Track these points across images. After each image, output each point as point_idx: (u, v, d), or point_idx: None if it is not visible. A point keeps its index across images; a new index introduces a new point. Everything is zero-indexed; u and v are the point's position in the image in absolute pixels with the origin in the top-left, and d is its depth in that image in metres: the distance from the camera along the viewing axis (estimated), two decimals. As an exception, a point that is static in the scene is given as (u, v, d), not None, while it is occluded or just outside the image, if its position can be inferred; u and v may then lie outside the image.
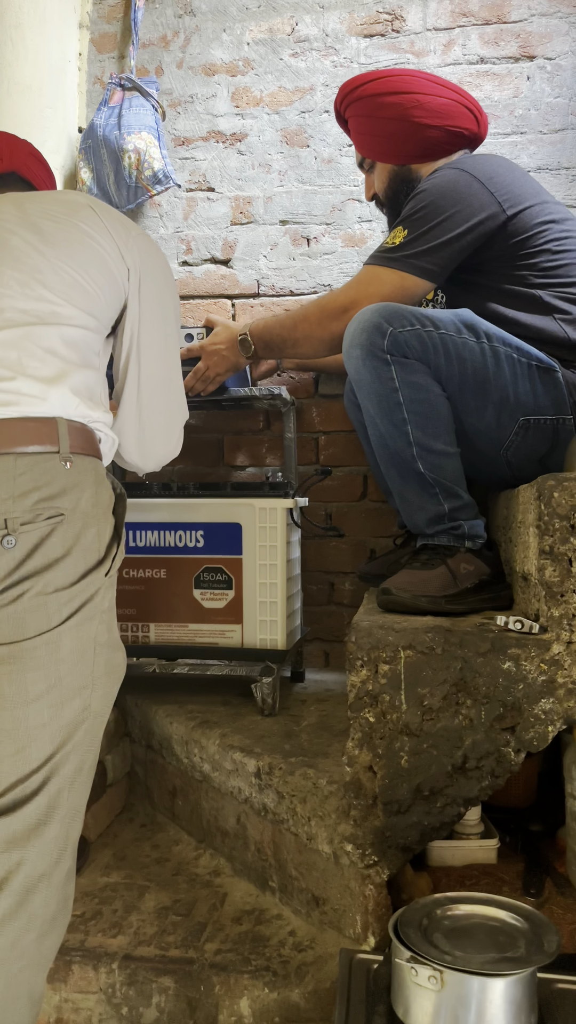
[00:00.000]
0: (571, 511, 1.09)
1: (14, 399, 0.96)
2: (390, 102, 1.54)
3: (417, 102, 1.52)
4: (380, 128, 1.57)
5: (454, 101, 1.54)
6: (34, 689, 0.92)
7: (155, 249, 1.19)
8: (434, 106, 1.53)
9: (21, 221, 1.07)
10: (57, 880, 0.93)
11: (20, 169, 1.24)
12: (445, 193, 1.42)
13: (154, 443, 1.22)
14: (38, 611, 0.93)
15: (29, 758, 0.91)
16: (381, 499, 2.14)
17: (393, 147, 1.59)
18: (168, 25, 2.30)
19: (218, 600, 1.73)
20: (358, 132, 1.63)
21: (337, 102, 1.64)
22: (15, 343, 0.99)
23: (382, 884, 1.13)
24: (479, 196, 1.41)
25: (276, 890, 1.33)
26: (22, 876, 0.89)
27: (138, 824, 1.67)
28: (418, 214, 1.42)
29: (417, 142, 1.56)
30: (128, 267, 1.13)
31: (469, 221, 1.40)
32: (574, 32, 2.09)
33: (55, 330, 1.03)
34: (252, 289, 2.23)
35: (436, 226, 1.40)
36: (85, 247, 1.08)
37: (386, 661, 1.12)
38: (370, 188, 1.69)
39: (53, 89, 2.18)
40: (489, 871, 1.25)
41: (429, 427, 1.32)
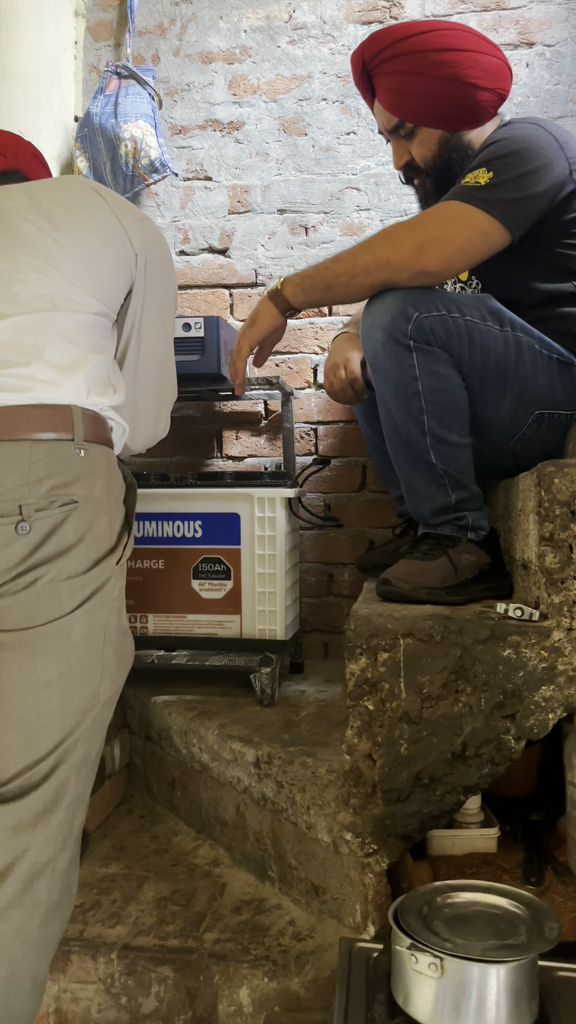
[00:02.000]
0: (572, 497, 1.08)
1: (30, 385, 0.96)
2: (447, 59, 1.36)
3: (475, 61, 1.37)
4: (432, 88, 1.39)
5: (500, 60, 1.41)
6: (45, 676, 0.92)
7: (158, 234, 1.20)
8: (489, 66, 1.39)
9: (31, 208, 1.07)
10: (61, 867, 0.93)
11: (23, 168, 1.25)
12: (530, 146, 1.29)
13: (145, 425, 1.24)
14: (51, 597, 0.93)
15: (38, 745, 0.91)
16: (380, 490, 2.13)
17: (446, 110, 1.41)
18: (165, 13, 2.28)
19: (216, 591, 1.72)
20: (399, 91, 1.42)
21: (367, 56, 1.43)
22: (31, 328, 0.99)
23: (382, 873, 1.12)
24: (558, 157, 1.31)
25: (275, 880, 1.33)
26: (27, 863, 0.89)
27: (137, 815, 1.67)
28: (505, 159, 1.28)
29: (472, 105, 1.40)
30: (136, 252, 1.13)
31: (549, 180, 1.29)
32: (573, 19, 2.07)
33: (70, 316, 1.02)
34: (250, 279, 2.22)
35: (523, 176, 1.27)
36: (95, 233, 1.08)
37: (385, 649, 1.12)
38: (403, 156, 1.50)
39: (49, 77, 2.16)
40: (489, 860, 1.24)
41: (446, 418, 1.29)
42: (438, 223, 1.28)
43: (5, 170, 1.24)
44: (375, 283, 1.30)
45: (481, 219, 1.26)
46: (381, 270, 1.28)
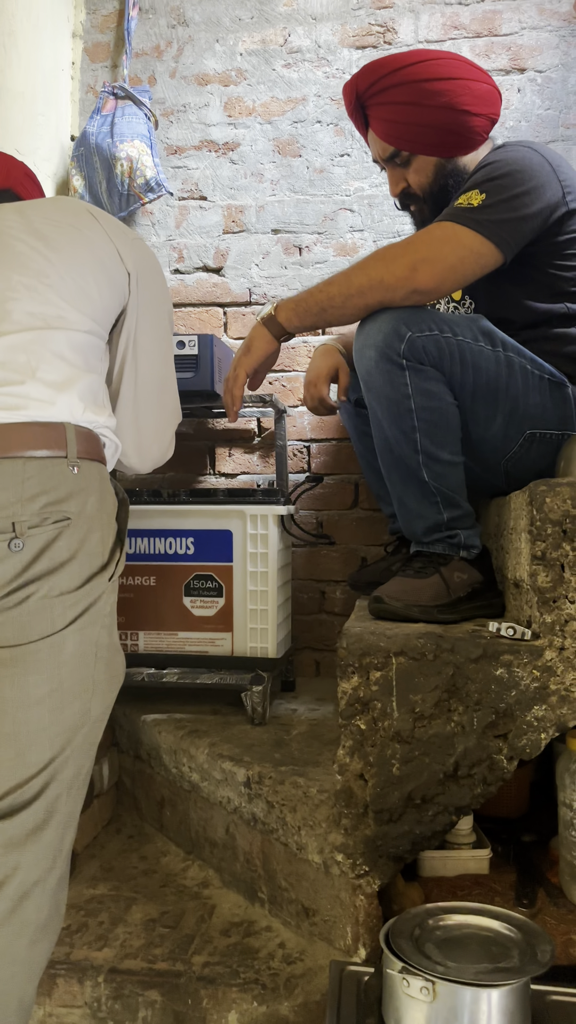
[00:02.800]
0: (563, 517, 1.08)
1: (23, 403, 0.96)
2: (441, 88, 1.38)
3: (467, 88, 1.39)
4: (427, 117, 1.41)
5: (491, 87, 1.44)
6: (36, 692, 0.92)
7: (150, 254, 1.20)
8: (480, 92, 1.41)
9: (25, 227, 1.07)
10: (51, 886, 0.92)
11: (15, 187, 1.26)
12: (522, 168, 1.31)
13: (150, 444, 1.23)
14: (43, 614, 0.92)
15: (29, 762, 0.91)
16: (372, 507, 2.13)
17: (441, 138, 1.43)
18: (161, 35, 2.31)
19: (208, 608, 1.72)
20: (393, 122, 1.44)
21: (360, 87, 1.44)
22: (24, 347, 0.99)
23: (373, 895, 1.11)
24: (551, 180, 1.32)
25: (265, 901, 1.31)
26: (17, 881, 0.88)
27: (125, 835, 1.65)
28: (497, 180, 1.30)
29: (466, 131, 1.42)
30: (128, 271, 1.13)
31: (541, 202, 1.30)
32: (564, 45, 2.11)
33: (63, 335, 1.03)
34: (244, 297, 2.23)
35: (515, 197, 1.29)
36: (88, 252, 1.09)
37: (377, 667, 1.11)
38: (399, 183, 1.51)
39: (46, 97, 2.18)
40: (481, 881, 1.23)
41: (438, 436, 1.30)
42: (430, 244, 1.29)
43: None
44: (370, 303, 1.31)
45: (473, 239, 1.28)
46: (375, 290, 1.29)
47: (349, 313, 1.33)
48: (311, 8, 2.23)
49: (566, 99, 2.11)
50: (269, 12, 2.25)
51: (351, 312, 1.33)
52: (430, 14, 2.17)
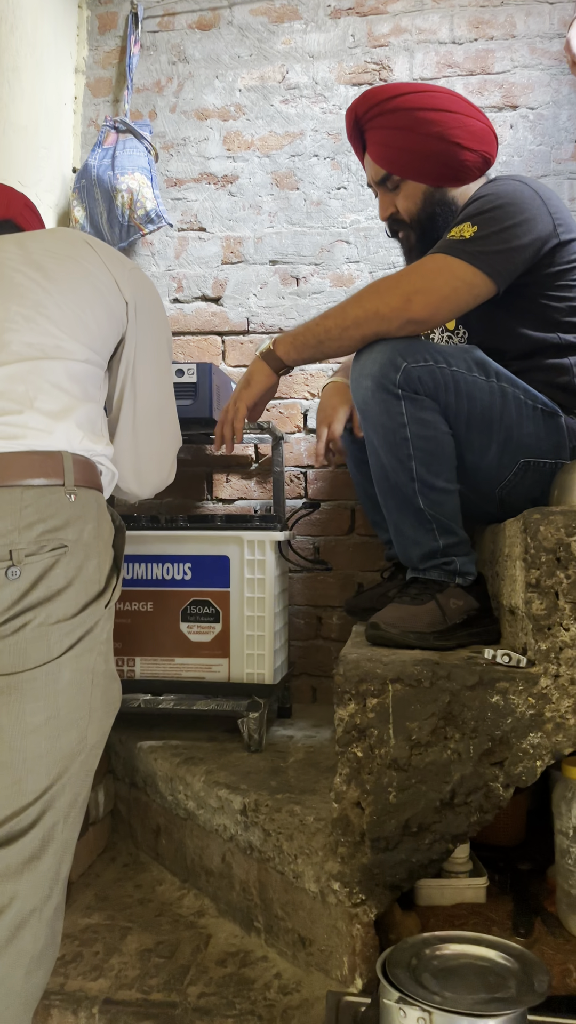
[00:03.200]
0: (557, 544, 1.09)
1: (21, 432, 0.98)
2: (434, 118, 1.43)
3: (460, 122, 1.44)
4: (418, 144, 1.45)
5: (486, 125, 1.48)
6: (33, 720, 0.92)
7: (148, 283, 1.22)
8: (474, 128, 1.46)
9: (24, 259, 1.09)
10: (47, 915, 0.91)
11: (15, 218, 1.28)
12: (514, 201, 1.35)
13: (150, 471, 1.25)
14: (39, 642, 0.93)
15: (25, 790, 0.90)
16: (369, 533, 2.15)
17: (431, 166, 1.48)
18: (162, 71, 2.36)
19: (205, 633, 1.72)
20: (387, 145, 1.49)
21: (359, 112, 1.50)
22: (22, 377, 1.01)
23: (370, 924, 1.11)
24: (541, 213, 1.36)
25: (261, 931, 1.30)
26: (13, 911, 0.88)
27: (120, 864, 1.64)
28: (489, 213, 1.33)
29: (455, 162, 1.47)
30: (126, 300, 1.15)
31: (533, 233, 1.34)
32: (555, 83, 2.16)
33: (60, 364, 1.04)
34: (242, 326, 2.26)
35: (507, 229, 1.32)
36: (86, 283, 1.10)
37: (374, 694, 1.12)
38: (388, 207, 1.56)
39: (48, 130, 2.22)
40: (478, 911, 1.23)
41: (433, 464, 1.32)
42: (424, 275, 1.32)
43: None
44: (366, 334, 1.33)
45: (466, 270, 1.31)
46: (371, 321, 1.32)
47: (346, 344, 1.36)
48: (308, 46, 2.29)
49: (557, 135, 2.15)
50: (267, 50, 2.31)
51: (348, 343, 1.35)
52: (424, 52, 2.22)
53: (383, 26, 2.25)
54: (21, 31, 2.06)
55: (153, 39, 2.37)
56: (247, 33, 2.32)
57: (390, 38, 2.24)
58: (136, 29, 2.34)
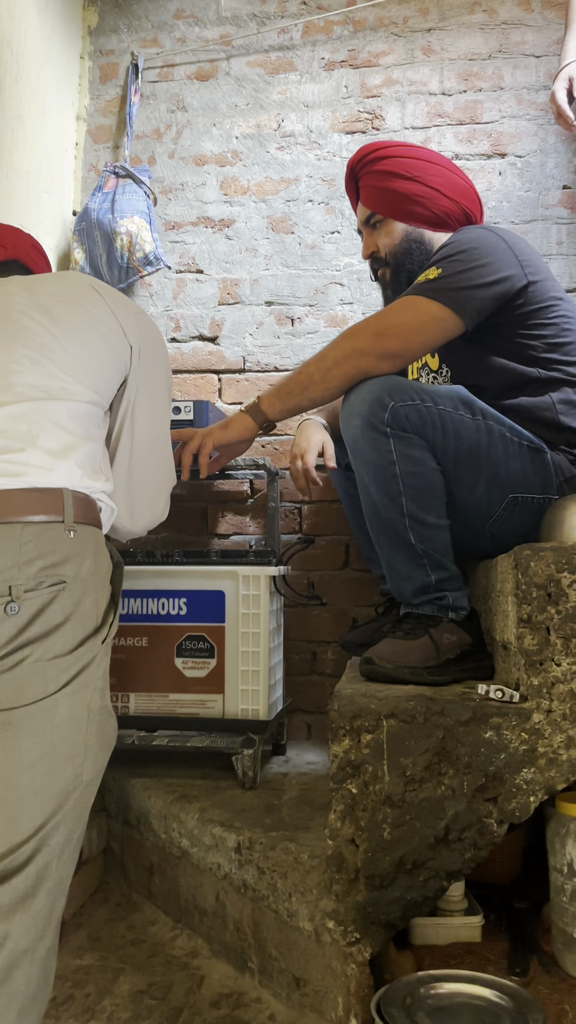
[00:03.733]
0: (547, 580, 1.11)
1: (23, 470, 0.99)
2: (417, 165, 1.58)
3: (441, 173, 1.58)
4: (401, 185, 1.58)
5: (468, 185, 1.62)
6: (28, 756, 0.92)
7: (152, 326, 1.26)
8: (454, 181, 1.59)
9: (31, 302, 1.12)
10: (40, 955, 0.90)
11: (22, 258, 1.31)
12: (478, 245, 1.44)
13: (143, 508, 1.26)
14: (37, 677, 0.93)
15: (19, 828, 0.90)
16: (363, 568, 2.16)
17: (412, 208, 1.59)
18: (161, 119, 2.43)
19: (200, 669, 1.72)
20: (374, 187, 1.62)
21: (354, 161, 1.65)
22: (26, 416, 1.03)
23: (364, 963, 1.10)
24: (506, 255, 1.44)
25: (255, 971, 1.29)
26: (6, 951, 0.87)
27: (113, 903, 1.62)
28: (453, 257, 1.43)
29: (433, 207, 1.58)
30: (131, 344, 1.18)
31: (499, 274, 1.41)
32: (541, 132, 2.24)
33: (63, 405, 1.07)
34: (238, 365, 2.30)
35: (470, 270, 1.40)
36: (91, 326, 1.13)
37: (368, 730, 1.12)
38: (370, 247, 1.67)
39: (50, 175, 2.28)
40: (473, 949, 1.22)
41: (423, 500, 1.34)
42: (391, 312, 1.42)
43: (5, 260, 1.30)
44: (348, 372, 1.39)
45: (431, 306, 1.39)
46: (350, 359, 1.39)
47: (331, 386, 1.42)
48: (303, 96, 2.36)
49: (544, 182, 2.22)
50: (264, 99, 2.38)
51: (332, 385, 1.42)
52: (415, 103, 2.30)
53: (375, 78, 2.33)
54: (25, 81, 2.12)
55: (153, 88, 2.45)
56: (244, 83, 2.40)
57: (382, 89, 2.32)
58: (136, 79, 2.41)
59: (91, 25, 2.51)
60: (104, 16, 2.50)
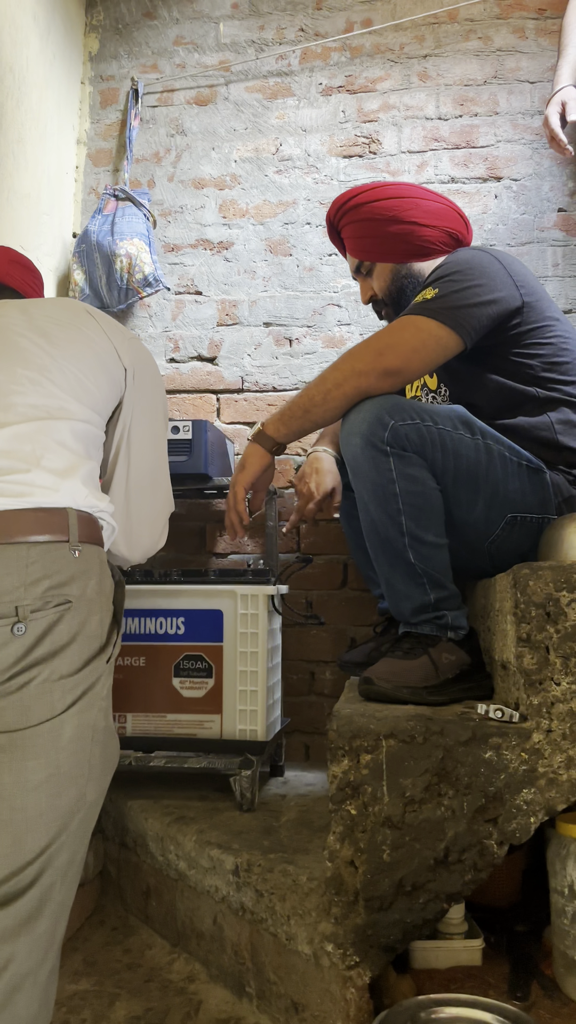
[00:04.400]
0: (546, 599, 1.11)
1: (28, 490, 1.00)
2: (389, 204, 1.58)
3: (414, 204, 1.58)
4: (380, 229, 1.60)
5: (446, 206, 1.62)
6: (34, 778, 0.91)
7: (146, 352, 1.27)
8: (430, 208, 1.59)
9: (28, 325, 1.13)
10: (42, 979, 0.89)
11: (4, 279, 1.31)
12: (472, 265, 1.44)
13: (141, 534, 1.26)
14: (43, 698, 0.93)
15: (25, 849, 0.90)
16: (361, 587, 2.16)
17: (394, 246, 1.61)
18: (161, 143, 2.46)
19: (198, 689, 1.72)
20: (356, 237, 1.64)
21: (331, 214, 1.67)
22: (29, 436, 1.03)
23: (364, 987, 1.08)
24: (500, 275, 1.45)
25: (253, 996, 1.27)
26: (9, 974, 0.86)
27: (109, 927, 1.60)
28: (448, 278, 1.43)
29: (416, 239, 1.59)
30: (125, 367, 1.19)
31: (494, 293, 1.42)
32: (536, 156, 2.27)
33: (65, 424, 1.08)
34: (237, 385, 2.32)
35: (466, 289, 1.41)
36: (87, 349, 1.15)
37: (368, 750, 1.12)
38: (367, 292, 1.70)
39: (50, 198, 2.30)
40: (474, 973, 1.20)
41: (422, 519, 1.34)
42: (390, 332, 1.42)
43: None
44: (348, 392, 1.39)
45: (429, 324, 1.39)
46: (350, 379, 1.39)
47: (332, 407, 1.42)
48: (301, 121, 2.39)
49: (540, 205, 2.25)
50: (262, 124, 2.41)
51: (333, 406, 1.41)
52: (412, 127, 2.33)
53: (372, 103, 2.36)
54: (27, 106, 2.15)
55: (152, 113, 2.48)
56: (242, 108, 2.43)
57: (379, 114, 2.35)
58: (136, 104, 2.44)
59: (92, 51, 2.55)
60: (105, 43, 2.54)
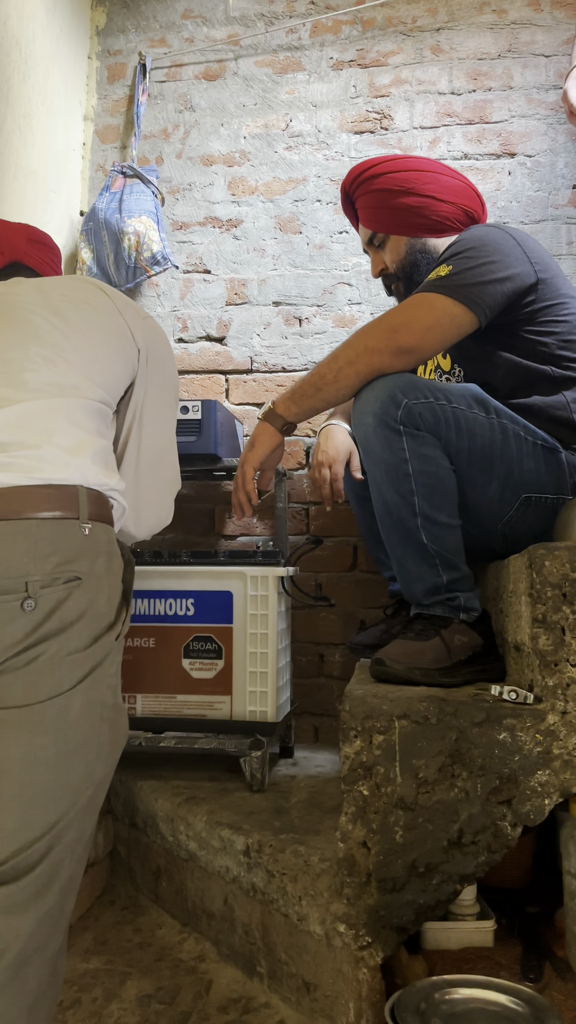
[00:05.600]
0: (562, 580, 1.10)
1: (39, 466, 0.99)
2: (407, 176, 1.56)
3: (433, 178, 1.56)
4: (396, 200, 1.57)
5: (463, 183, 1.59)
6: (42, 753, 0.91)
7: (159, 330, 1.25)
8: (448, 183, 1.57)
9: (42, 303, 1.12)
10: (50, 954, 0.90)
11: (22, 258, 1.30)
12: (487, 242, 1.42)
13: (148, 512, 1.25)
14: (51, 674, 0.93)
15: (33, 825, 0.89)
16: (371, 569, 2.15)
17: (408, 219, 1.58)
18: (169, 119, 2.43)
19: (207, 670, 1.71)
20: (371, 207, 1.61)
21: (346, 184, 1.64)
22: (41, 413, 1.03)
23: (376, 968, 1.08)
24: (515, 252, 1.42)
25: (264, 976, 1.27)
26: (17, 949, 0.86)
27: (120, 907, 1.61)
28: (462, 254, 1.41)
29: (432, 214, 1.57)
30: (139, 347, 1.18)
31: (509, 270, 1.39)
32: (551, 132, 2.23)
33: (78, 402, 1.07)
34: (245, 365, 2.29)
35: (481, 266, 1.38)
36: (100, 328, 1.14)
37: (380, 731, 1.11)
38: (378, 265, 1.67)
39: (58, 175, 2.28)
40: (486, 955, 1.20)
41: (435, 499, 1.33)
42: (404, 310, 1.38)
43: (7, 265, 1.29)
44: (360, 371, 1.37)
45: (444, 302, 1.36)
46: (363, 357, 1.36)
47: (344, 385, 1.39)
48: (312, 96, 2.35)
49: (554, 181, 2.21)
50: (272, 99, 2.38)
51: (345, 384, 1.38)
52: (424, 102, 2.29)
53: (384, 77, 2.32)
54: (33, 80, 2.12)
55: (160, 88, 2.44)
56: (252, 83, 2.39)
57: (391, 89, 2.31)
58: (144, 79, 2.41)
59: (99, 25, 2.51)
60: (112, 16, 2.50)
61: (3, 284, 1.17)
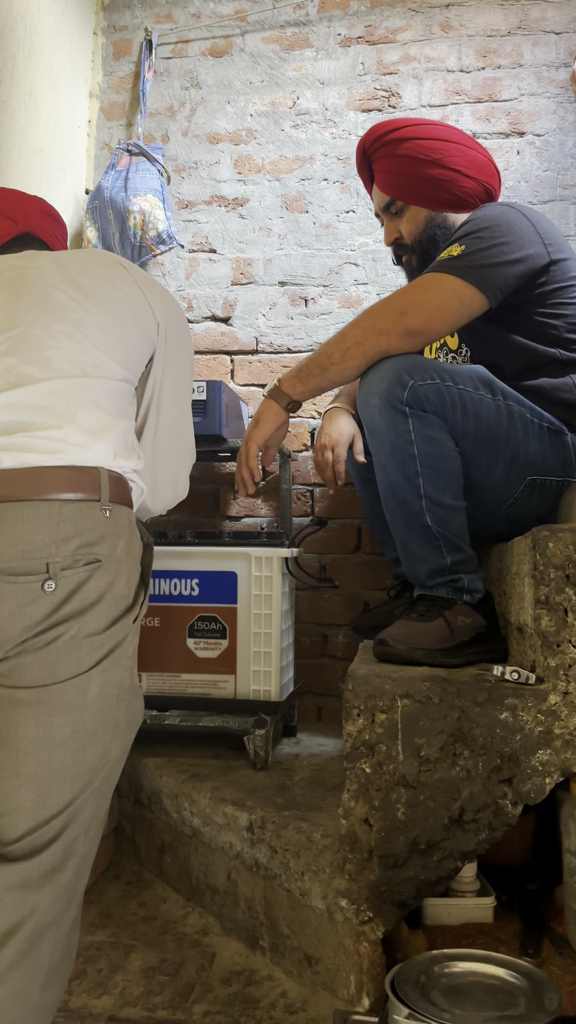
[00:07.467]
0: (566, 561, 1.10)
1: (61, 447, 0.99)
2: (435, 146, 1.51)
3: (461, 152, 1.52)
4: (420, 170, 1.52)
5: (487, 159, 1.55)
6: (60, 733, 0.92)
7: (177, 305, 1.24)
8: (474, 158, 1.53)
9: (63, 277, 1.10)
10: (64, 928, 0.91)
11: (35, 230, 1.28)
12: (500, 222, 1.40)
13: (165, 487, 1.26)
14: (71, 655, 0.93)
15: (49, 803, 0.91)
16: (375, 551, 2.15)
17: (431, 191, 1.54)
18: (175, 96, 2.40)
19: (212, 649, 1.72)
20: (392, 172, 1.56)
21: (366, 142, 1.57)
22: (64, 393, 1.02)
23: (377, 942, 1.10)
24: (528, 232, 1.40)
25: (267, 949, 1.29)
26: (33, 923, 0.88)
27: (124, 881, 1.63)
28: (476, 234, 1.39)
29: (456, 189, 1.53)
30: (158, 322, 1.17)
31: (522, 251, 1.38)
32: (561, 111, 2.20)
33: (100, 383, 1.06)
34: (251, 346, 2.29)
35: (494, 247, 1.37)
36: (121, 303, 1.12)
37: (383, 710, 1.12)
38: (392, 233, 1.62)
39: (63, 152, 2.26)
40: (486, 930, 1.22)
41: (440, 481, 1.33)
42: (415, 290, 1.37)
43: (17, 235, 1.28)
44: (368, 351, 1.36)
45: (455, 283, 1.35)
46: (370, 338, 1.35)
47: (350, 366, 1.38)
48: (319, 73, 2.33)
49: (563, 161, 2.19)
50: (279, 76, 2.35)
51: (352, 365, 1.38)
52: (432, 80, 2.27)
53: (392, 54, 2.29)
54: (38, 56, 2.10)
55: (166, 65, 2.42)
56: (259, 60, 2.37)
57: (399, 66, 2.29)
58: (150, 56, 2.38)
59: (105, 0, 2.48)
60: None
61: (19, 257, 1.15)
